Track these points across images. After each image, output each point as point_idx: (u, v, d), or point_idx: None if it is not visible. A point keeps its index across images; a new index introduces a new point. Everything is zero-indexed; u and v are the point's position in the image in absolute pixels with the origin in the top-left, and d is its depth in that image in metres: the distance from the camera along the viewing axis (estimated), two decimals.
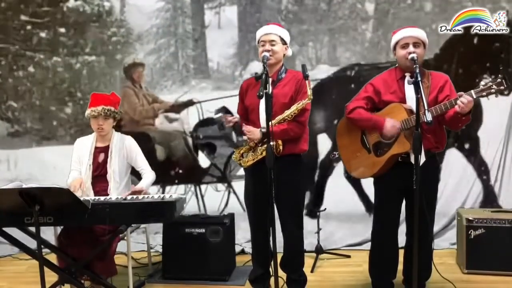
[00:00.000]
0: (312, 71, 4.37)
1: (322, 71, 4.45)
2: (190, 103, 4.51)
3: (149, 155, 4.14)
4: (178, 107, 4.54)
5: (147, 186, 3.30)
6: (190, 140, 4.54)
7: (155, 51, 4.63)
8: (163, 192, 4.48)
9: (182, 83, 4.60)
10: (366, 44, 4.42)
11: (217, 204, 4.51)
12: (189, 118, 4.52)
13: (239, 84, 3.25)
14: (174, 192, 4.49)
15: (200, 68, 4.62)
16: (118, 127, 3.51)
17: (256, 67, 4.40)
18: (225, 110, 4.15)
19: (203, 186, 4.55)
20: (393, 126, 2.77)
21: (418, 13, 4.30)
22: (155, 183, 3.57)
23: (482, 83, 2.60)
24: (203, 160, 4.57)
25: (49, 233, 3.33)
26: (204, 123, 4.48)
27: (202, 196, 4.55)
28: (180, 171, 4.55)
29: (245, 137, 2.94)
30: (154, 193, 3.46)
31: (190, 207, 4.43)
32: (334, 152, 3.16)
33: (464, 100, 2.55)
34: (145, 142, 4.37)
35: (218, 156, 4.50)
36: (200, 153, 4.56)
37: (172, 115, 4.55)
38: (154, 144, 4.55)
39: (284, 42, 2.97)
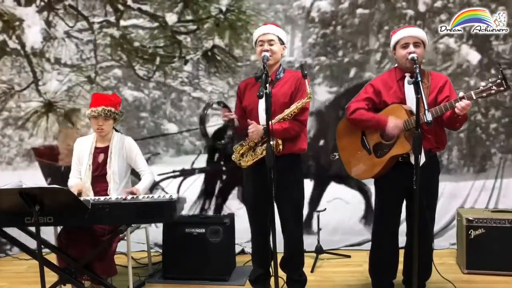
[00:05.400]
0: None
1: None
2: None
3: None
4: None
5: (145, 189, 3.29)
6: None
7: None
8: None
9: None
10: None
11: None
12: None
13: None
14: None
15: None
16: None
17: None
18: (223, 105, 4.17)
19: None
20: (396, 126, 2.75)
21: None
22: None
23: (482, 83, 2.60)
24: None
25: (49, 233, 3.33)
26: None
27: None
28: None
29: (250, 129, 2.88)
30: None
31: None
32: (334, 153, 3.14)
33: (463, 104, 2.55)
34: None
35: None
36: None
37: None
38: None
39: (282, 42, 2.97)
